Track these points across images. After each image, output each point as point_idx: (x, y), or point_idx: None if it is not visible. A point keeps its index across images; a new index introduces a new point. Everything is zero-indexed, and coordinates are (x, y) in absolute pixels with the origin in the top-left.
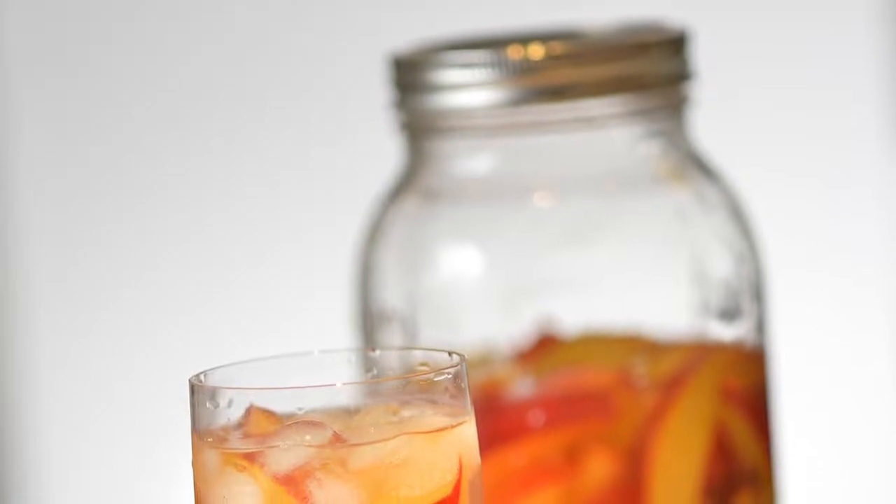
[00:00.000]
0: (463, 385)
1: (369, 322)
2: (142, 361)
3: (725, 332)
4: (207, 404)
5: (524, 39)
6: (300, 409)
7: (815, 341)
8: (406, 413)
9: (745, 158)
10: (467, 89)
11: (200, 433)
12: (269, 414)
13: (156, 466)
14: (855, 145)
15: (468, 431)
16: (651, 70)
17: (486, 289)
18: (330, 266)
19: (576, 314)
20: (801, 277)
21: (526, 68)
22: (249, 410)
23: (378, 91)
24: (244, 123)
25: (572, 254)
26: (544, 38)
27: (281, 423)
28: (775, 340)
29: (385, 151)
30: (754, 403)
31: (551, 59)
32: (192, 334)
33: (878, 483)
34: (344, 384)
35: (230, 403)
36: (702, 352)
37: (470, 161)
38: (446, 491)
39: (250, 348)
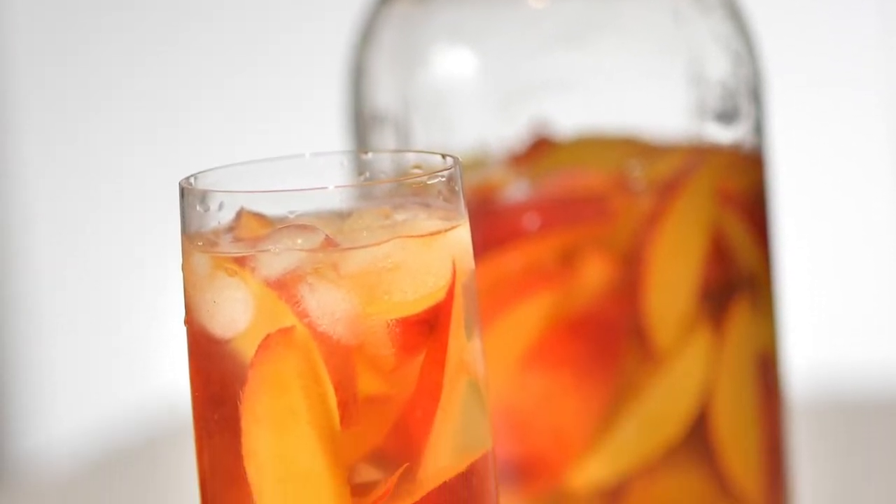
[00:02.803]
0: (457, 188)
1: (362, 124)
2: (131, 164)
3: (723, 135)
4: (198, 207)
5: None
6: (292, 212)
7: (814, 143)
8: (399, 217)
9: None
10: None
11: (190, 237)
12: (260, 217)
13: (145, 271)
14: None
15: (462, 235)
16: None
17: (481, 90)
18: (322, 68)
19: (571, 116)
20: (799, 79)
21: None
22: (240, 214)
23: None
24: None
25: (568, 55)
26: None
27: (272, 226)
28: (773, 143)
29: None
30: (752, 207)
31: None
32: (182, 137)
33: (876, 286)
34: (336, 187)
35: (221, 207)
36: (699, 154)
37: None
38: (440, 295)
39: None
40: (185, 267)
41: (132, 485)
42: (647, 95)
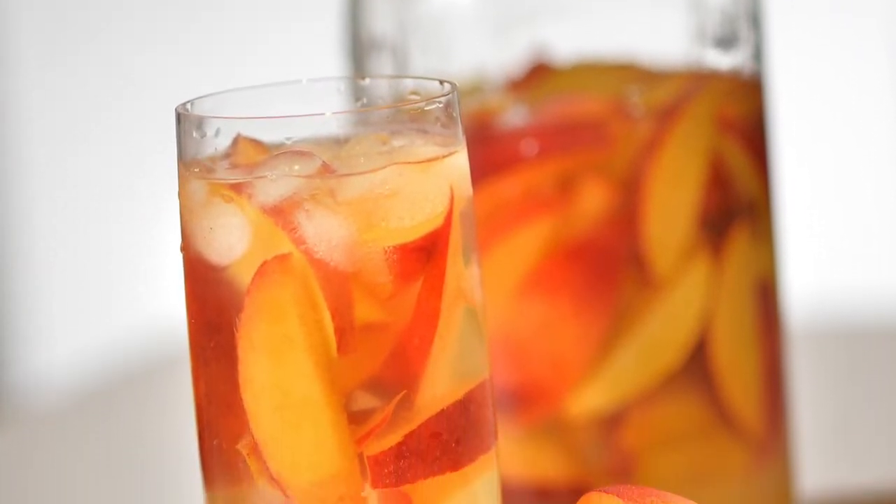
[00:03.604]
0: (454, 114)
1: (359, 50)
2: (127, 90)
3: (722, 61)
4: (194, 134)
5: None
6: (288, 138)
7: (814, 70)
8: (396, 143)
9: None
10: None
11: (187, 163)
12: (256, 144)
13: (142, 198)
14: None
15: (459, 161)
16: None
17: (478, 16)
18: None
19: (570, 41)
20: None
21: None
22: (237, 140)
23: None
24: None
25: None
26: None
27: (269, 153)
28: (773, 69)
29: None
30: (752, 133)
31: None
32: (179, 62)
33: (875, 213)
34: (333, 113)
35: (217, 133)
36: (698, 80)
37: None
38: (437, 222)
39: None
40: (182, 194)
41: (128, 413)
42: (647, 21)
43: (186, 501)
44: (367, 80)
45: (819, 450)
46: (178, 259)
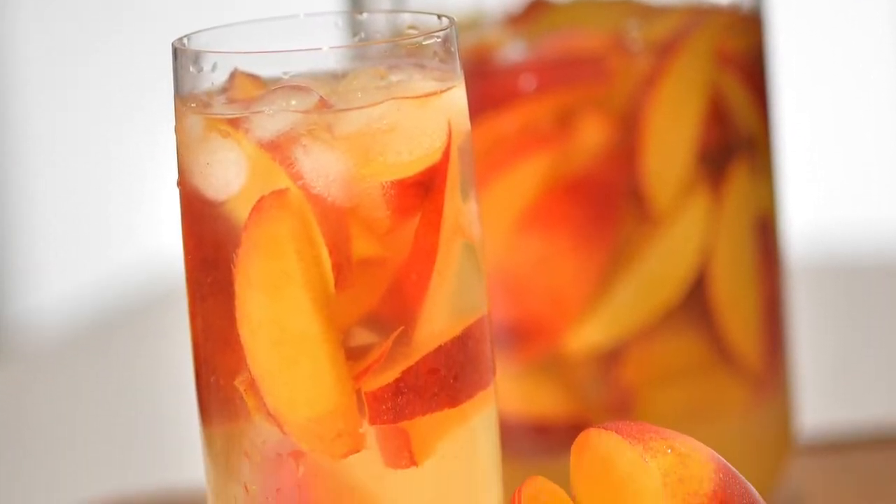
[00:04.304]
0: (452, 49)
1: None
2: (125, 24)
3: None
4: (191, 69)
5: None
6: (286, 73)
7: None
8: (394, 78)
9: None
10: None
11: (184, 98)
12: (253, 78)
13: (139, 133)
14: None
15: (457, 96)
16: None
17: None
18: None
19: None
20: None
21: None
22: (234, 75)
23: None
24: None
25: None
26: None
27: (266, 87)
28: (772, 3)
29: None
30: (751, 68)
31: None
32: None
33: (875, 148)
34: (330, 48)
35: (214, 68)
36: (697, 15)
37: None
38: (435, 157)
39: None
40: (178, 129)
41: (125, 349)
42: None
43: (183, 437)
44: (365, 15)
45: (818, 386)
46: (174, 195)
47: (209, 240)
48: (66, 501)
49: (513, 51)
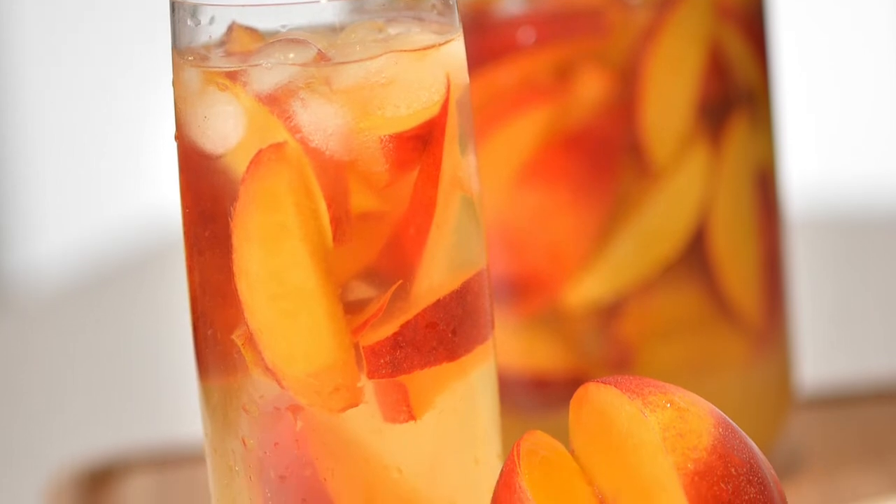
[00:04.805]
0: (451, 2)
1: None
2: None
3: None
4: (188, 21)
5: None
6: (283, 26)
7: None
8: (392, 31)
9: None
10: None
11: (181, 52)
12: (251, 31)
13: (136, 86)
14: None
15: (456, 50)
16: None
17: None
18: None
19: None
20: None
21: None
22: (232, 28)
23: None
24: None
25: None
26: None
27: (264, 41)
28: None
29: None
30: (751, 20)
31: None
32: None
33: (875, 101)
34: (328, 1)
35: (212, 21)
36: None
37: None
38: (434, 110)
39: None
40: (176, 82)
41: (122, 302)
42: None
43: (181, 392)
44: None
45: (818, 339)
46: (172, 148)
47: (207, 193)
48: (63, 454)
49: (511, 4)
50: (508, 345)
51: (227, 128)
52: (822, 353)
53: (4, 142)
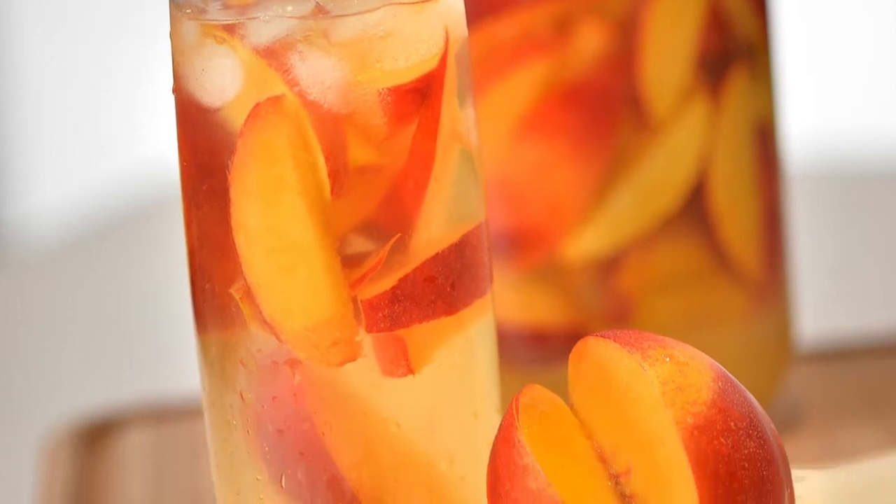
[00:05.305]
0: None
1: None
2: None
3: None
4: None
5: None
6: None
7: None
8: None
9: None
10: None
11: (178, 4)
12: None
13: (134, 39)
14: None
15: (454, 2)
16: None
17: None
18: None
19: None
20: None
21: None
22: None
23: None
24: None
25: None
26: None
27: None
28: None
29: None
30: None
31: None
32: None
33: (875, 54)
34: None
35: None
36: None
37: None
38: (432, 63)
39: None
40: (174, 35)
41: (119, 256)
42: None
43: (179, 346)
44: None
45: (817, 293)
46: (170, 101)
47: (205, 146)
48: (60, 408)
49: None
50: (507, 299)
51: (225, 81)
52: (822, 307)
53: (2, 93)
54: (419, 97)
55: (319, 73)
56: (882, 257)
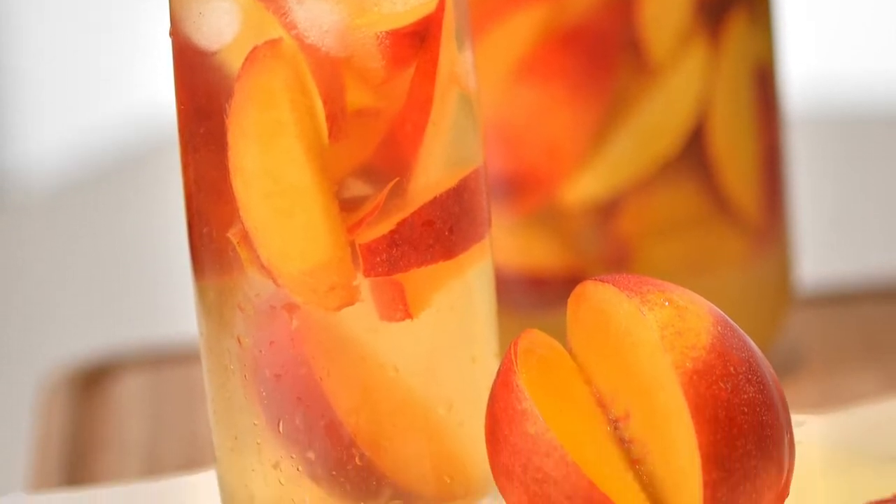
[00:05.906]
0: None
1: None
2: None
3: None
4: None
5: None
6: None
7: None
8: None
9: None
10: None
11: None
12: None
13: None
14: None
15: None
16: None
17: None
18: None
19: None
20: None
21: None
22: None
23: None
24: None
25: None
26: None
27: None
28: None
29: None
30: None
31: None
32: None
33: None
34: None
35: None
36: None
37: None
38: (430, 6)
39: None
40: None
41: (117, 200)
42: None
43: (176, 291)
44: None
45: (817, 237)
46: (167, 44)
47: (202, 90)
48: (58, 352)
49: None
50: (505, 243)
51: (222, 24)
52: (822, 251)
53: None
54: (417, 41)
55: (317, 17)
56: (882, 201)
